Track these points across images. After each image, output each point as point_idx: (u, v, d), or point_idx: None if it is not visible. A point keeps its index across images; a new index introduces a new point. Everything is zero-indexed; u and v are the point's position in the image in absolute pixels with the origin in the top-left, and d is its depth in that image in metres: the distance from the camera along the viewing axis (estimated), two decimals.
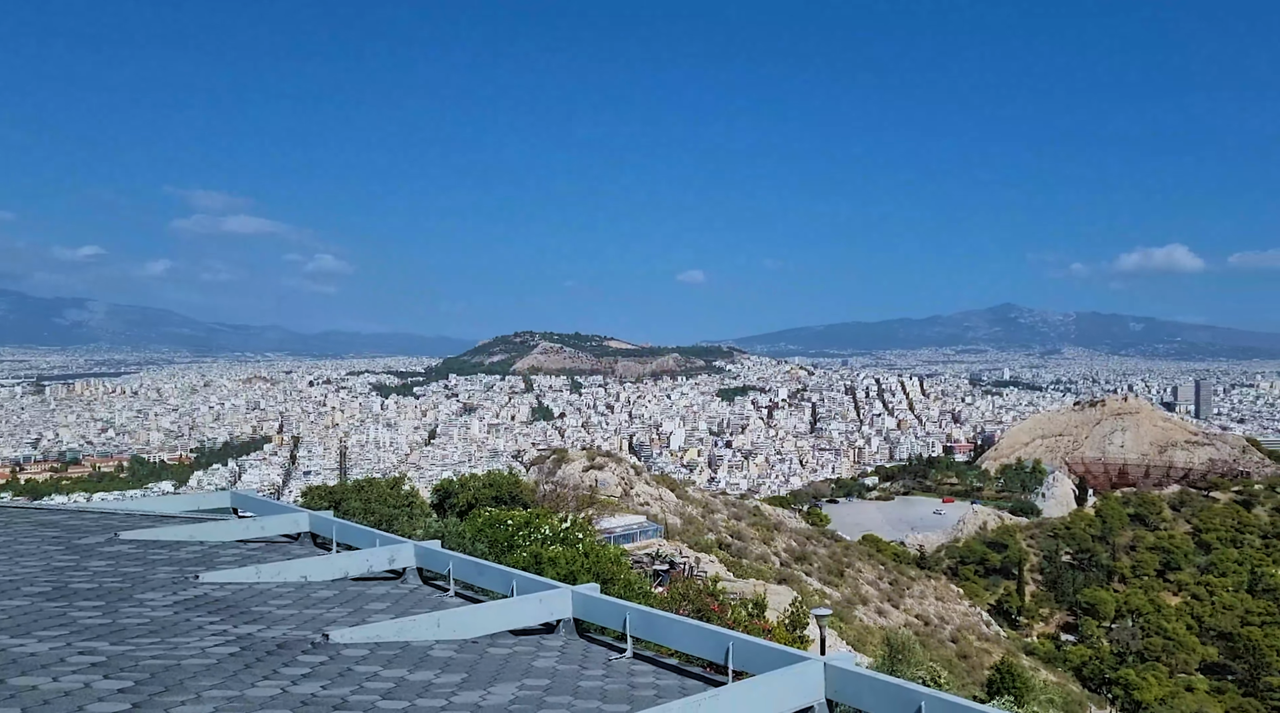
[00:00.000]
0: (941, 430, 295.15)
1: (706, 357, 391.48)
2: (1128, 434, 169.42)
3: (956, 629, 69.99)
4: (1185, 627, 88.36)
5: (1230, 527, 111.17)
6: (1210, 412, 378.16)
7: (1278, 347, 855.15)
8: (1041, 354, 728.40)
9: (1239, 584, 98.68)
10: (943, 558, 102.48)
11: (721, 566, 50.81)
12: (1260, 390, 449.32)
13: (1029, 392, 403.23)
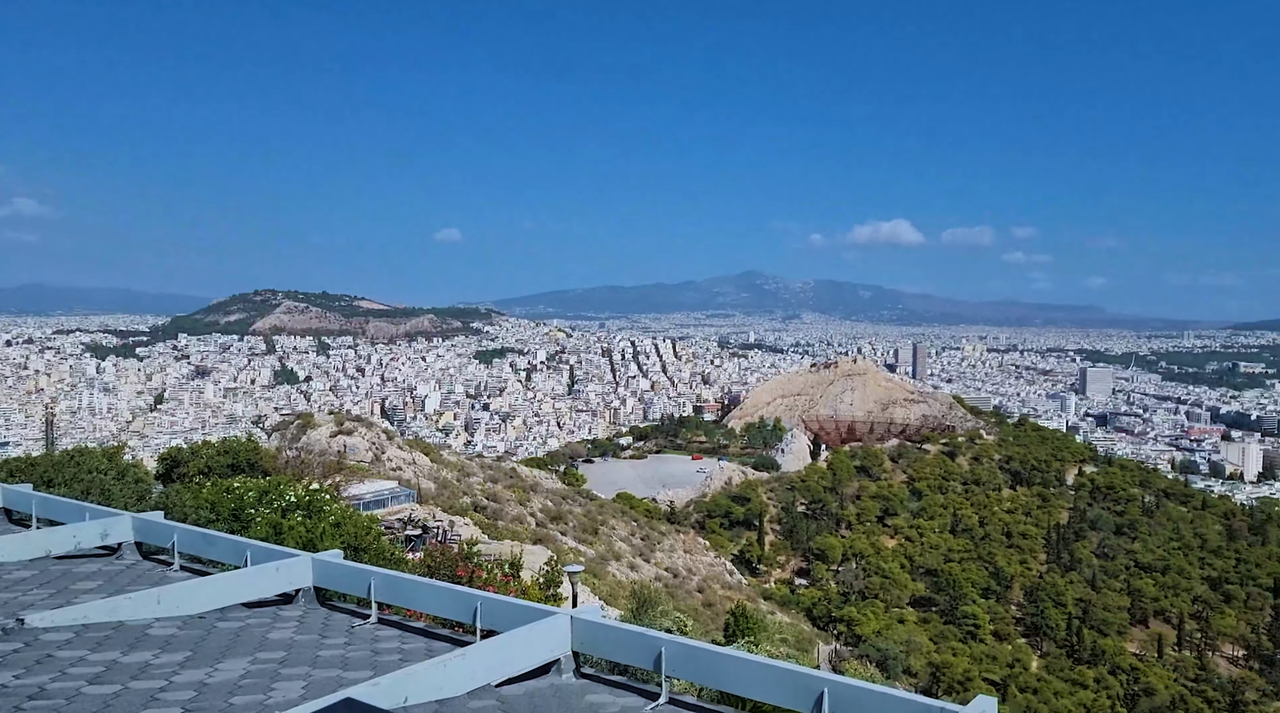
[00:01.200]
0: (692, 391, 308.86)
1: (464, 318, 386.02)
2: (856, 393, 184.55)
3: (703, 580, 74.01)
4: (899, 566, 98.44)
5: (938, 475, 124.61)
6: (925, 372, 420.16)
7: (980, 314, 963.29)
8: (783, 319, 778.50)
9: (943, 526, 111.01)
10: (691, 513, 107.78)
11: (477, 528, 50.66)
12: (965, 353, 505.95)
13: (772, 354, 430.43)
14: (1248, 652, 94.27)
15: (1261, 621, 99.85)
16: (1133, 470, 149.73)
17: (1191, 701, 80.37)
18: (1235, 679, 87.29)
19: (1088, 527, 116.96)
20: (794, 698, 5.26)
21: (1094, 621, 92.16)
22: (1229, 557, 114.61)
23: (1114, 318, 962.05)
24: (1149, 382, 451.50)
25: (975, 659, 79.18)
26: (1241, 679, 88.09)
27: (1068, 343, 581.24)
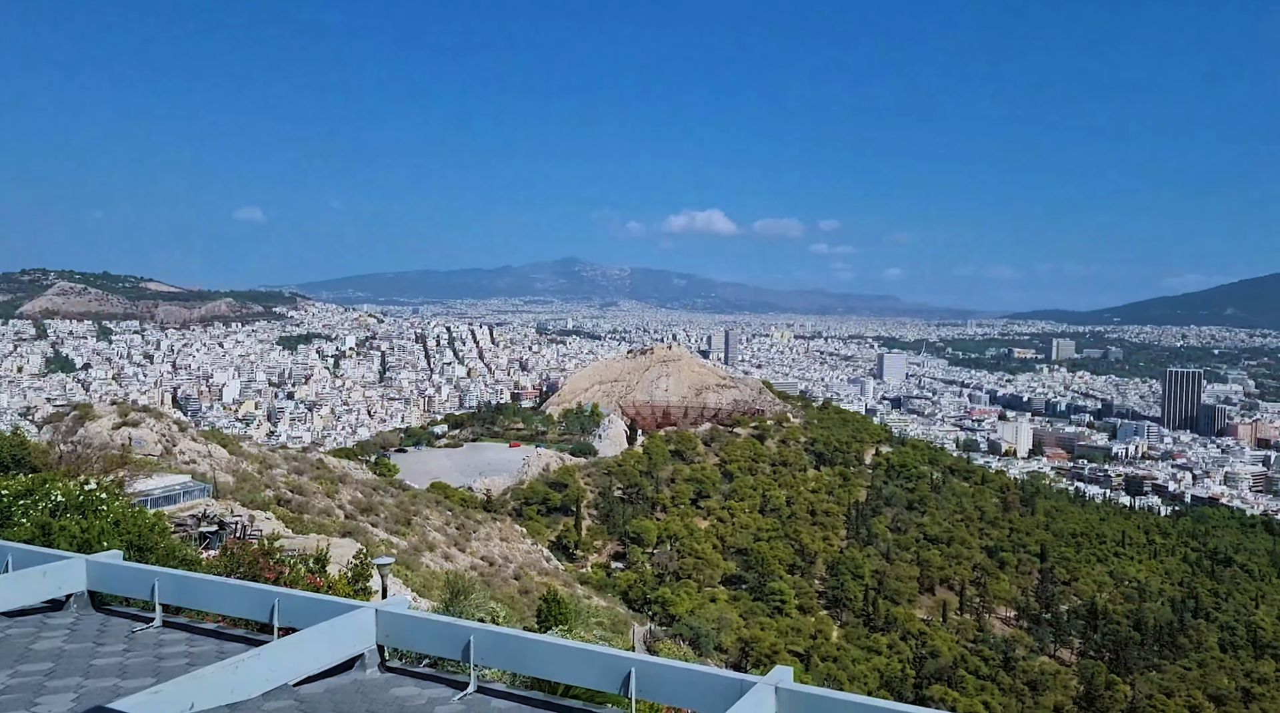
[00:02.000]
0: (510, 378, 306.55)
1: (266, 302, 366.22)
2: (671, 379, 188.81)
3: (519, 567, 73.70)
4: (712, 547, 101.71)
5: (748, 457, 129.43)
6: (736, 358, 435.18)
7: (789, 302, 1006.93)
8: (601, 306, 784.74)
9: (753, 506, 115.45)
10: (509, 500, 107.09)
11: (280, 523, 48.21)
12: (774, 340, 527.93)
13: (590, 341, 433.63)
14: (1018, 613, 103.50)
15: (1030, 584, 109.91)
16: (923, 450, 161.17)
17: (970, 659, 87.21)
18: (1008, 638, 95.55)
19: (883, 503, 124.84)
20: (603, 679, 5.41)
21: (888, 591, 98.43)
22: (1004, 527, 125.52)
23: (908, 307, 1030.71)
24: (938, 367, 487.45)
25: (782, 633, 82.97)
26: (1013, 638, 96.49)
27: (867, 331, 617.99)
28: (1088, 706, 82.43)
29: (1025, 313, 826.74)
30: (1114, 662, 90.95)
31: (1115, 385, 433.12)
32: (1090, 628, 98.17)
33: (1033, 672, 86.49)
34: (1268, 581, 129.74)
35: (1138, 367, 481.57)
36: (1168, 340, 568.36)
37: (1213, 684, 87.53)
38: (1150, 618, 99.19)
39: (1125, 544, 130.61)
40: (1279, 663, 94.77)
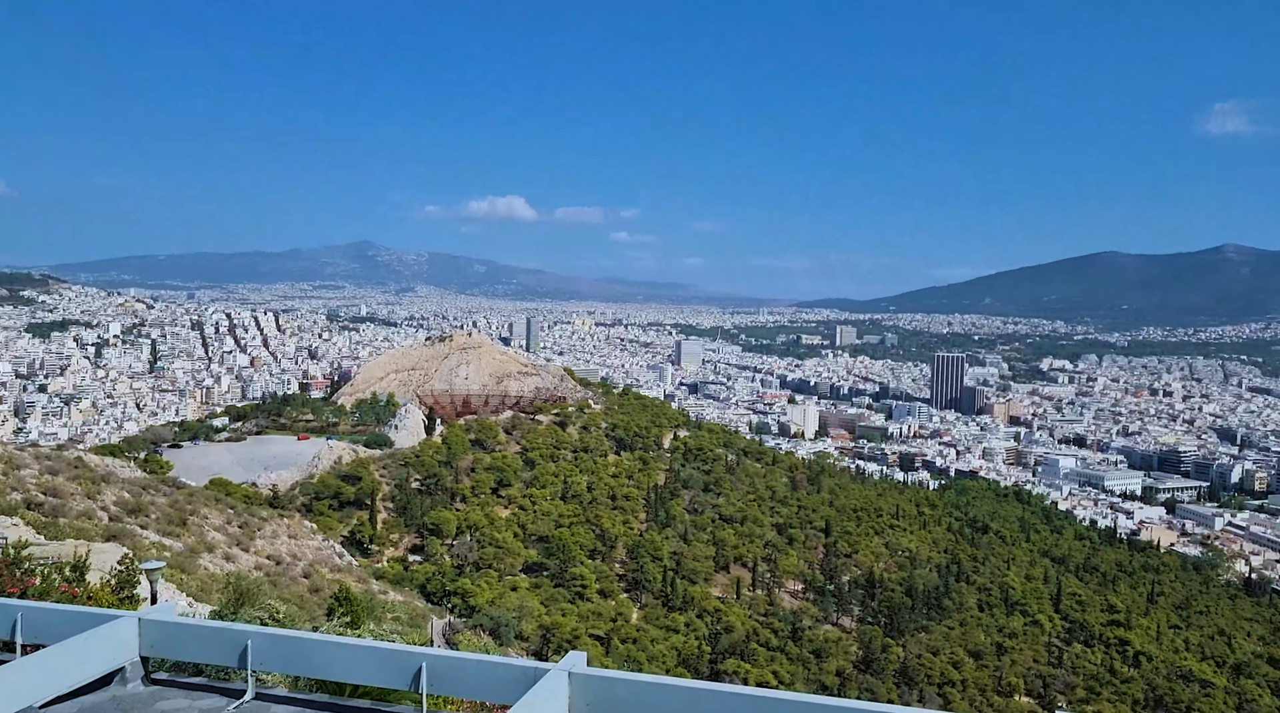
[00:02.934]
0: (298, 367, 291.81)
1: (12, 285, 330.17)
2: (472, 367, 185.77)
3: (309, 565, 70.16)
4: (513, 535, 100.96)
5: (550, 445, 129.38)
6: (538, 346, 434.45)
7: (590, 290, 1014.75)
8: (397, 291, 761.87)
9: (555, 493, 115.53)
10: (297, 496, 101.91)
11: (30, 529, 43.52)
12: (575, 327, 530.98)
13: (385, 328, 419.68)
14: (805, 585, 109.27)
15: (816, 558, 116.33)
16: (718, 433, 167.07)
17: (762, 633, 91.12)
18: (796, 610, 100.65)
19: (681, 486, 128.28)
20: (392, 677, 5.33)
21: (685, 571, 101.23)
22: (792, 505, 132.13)
23: (705, 295, 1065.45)
24: (732, 353, 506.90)
25: (583, 618, 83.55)
26: (800, 609, 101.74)
27: (666, 318, 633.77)
28: (865, 668, 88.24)
29: (813, 302, 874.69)
30: (889, 626, 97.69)
31: (891, 369, 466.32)
32: (869, 596, 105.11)
33: (818, 640, 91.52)
34: (1017, 545, 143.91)
35: (910, 352, 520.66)
36: (936, 327, 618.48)
37: (972, 641, 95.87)
38: (920, 584, 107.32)
39: (899, 517, 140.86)
40: (1026, 618, 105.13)
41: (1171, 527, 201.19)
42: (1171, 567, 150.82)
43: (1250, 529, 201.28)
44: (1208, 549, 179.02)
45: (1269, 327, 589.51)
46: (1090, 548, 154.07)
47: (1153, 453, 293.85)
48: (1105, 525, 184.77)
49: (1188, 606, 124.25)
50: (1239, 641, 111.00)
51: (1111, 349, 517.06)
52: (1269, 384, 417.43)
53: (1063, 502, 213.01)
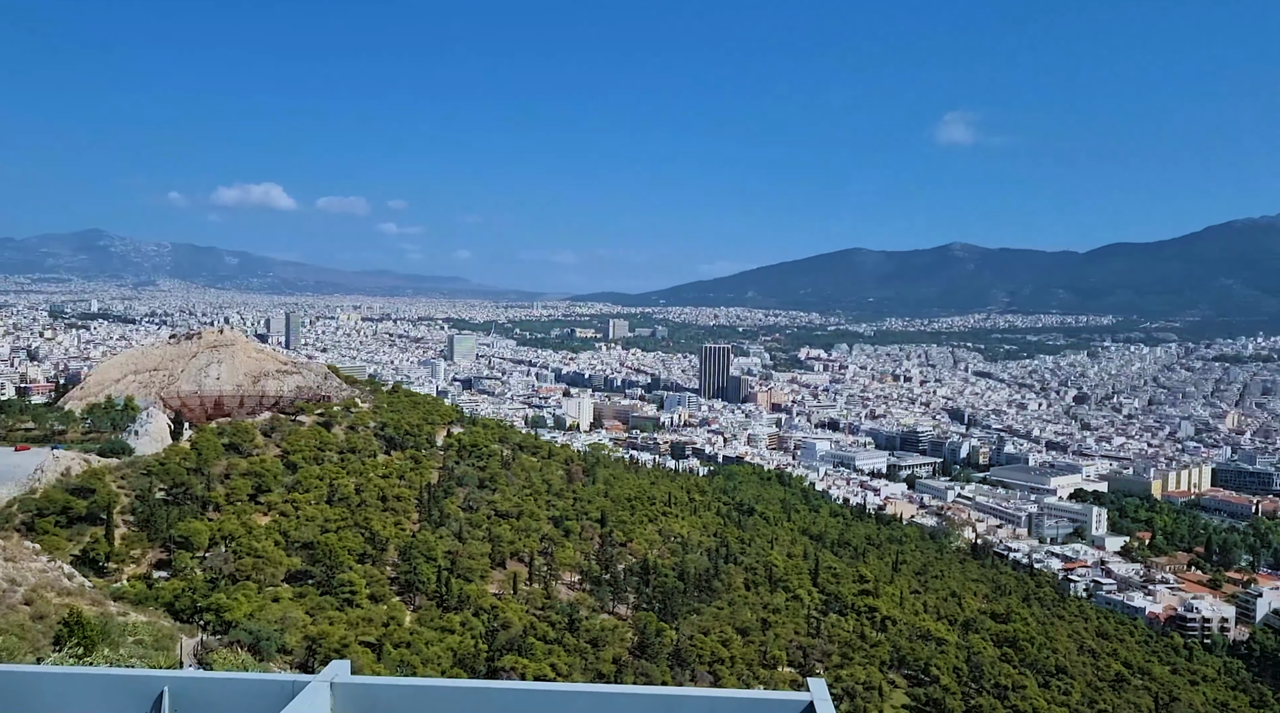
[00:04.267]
0: (15, 370, 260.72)
1: None
2: (224, 366, 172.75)
3: (32, 589, 62.51)
4: (274, 543, 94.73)
5: (314, 447, 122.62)
6: (299, 342, 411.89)
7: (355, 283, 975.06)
8: (135, 286, 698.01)
9: (320, 497, 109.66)
10: (15, 514, 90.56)
11: None
12: (340, 322, 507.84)
13: (121, 325, 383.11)
14: (582, 576, 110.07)
15: (592, 549, 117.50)
16: (493, 428, 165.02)
17: (539, 626, 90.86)
18: (573, 601, 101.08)
19: (455, 484, 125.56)
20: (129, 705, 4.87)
21: (461, 570, 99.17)
22: (568, 497, 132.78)
23: (478, 288, 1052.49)
24: (507, 347, 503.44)
25: (352, 625, 79.77)
26: (577, 600, 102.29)
27: (437, 312, 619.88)
28: (641, 653, 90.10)
29: (586, 295, 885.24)
30: (662, 611, 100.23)
31: (662, 361, 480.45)
32: (643, 583, 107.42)
33: (595, 630, 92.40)
34: (780, 525, 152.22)
35: (680, 344, 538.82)
36: (703, 320, 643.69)
37: (739, 619, 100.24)
38: (691, 568, 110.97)
39: (671, 504, 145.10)
40: (788, 594, 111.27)
41: (912, 501, 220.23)
42: (912, 537, 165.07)
43: (976, 499, 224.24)
44: (941, 519, 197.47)
45: (989, 317, 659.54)
46: (844, 524, 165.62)
47: (896, 434, 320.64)
48: (856, 503, 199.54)
49: (925, 571, 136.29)
50: (967, 600, 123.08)
51: (860, 339, 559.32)
52: (990, 368, 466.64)
53: (820, 482, 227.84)
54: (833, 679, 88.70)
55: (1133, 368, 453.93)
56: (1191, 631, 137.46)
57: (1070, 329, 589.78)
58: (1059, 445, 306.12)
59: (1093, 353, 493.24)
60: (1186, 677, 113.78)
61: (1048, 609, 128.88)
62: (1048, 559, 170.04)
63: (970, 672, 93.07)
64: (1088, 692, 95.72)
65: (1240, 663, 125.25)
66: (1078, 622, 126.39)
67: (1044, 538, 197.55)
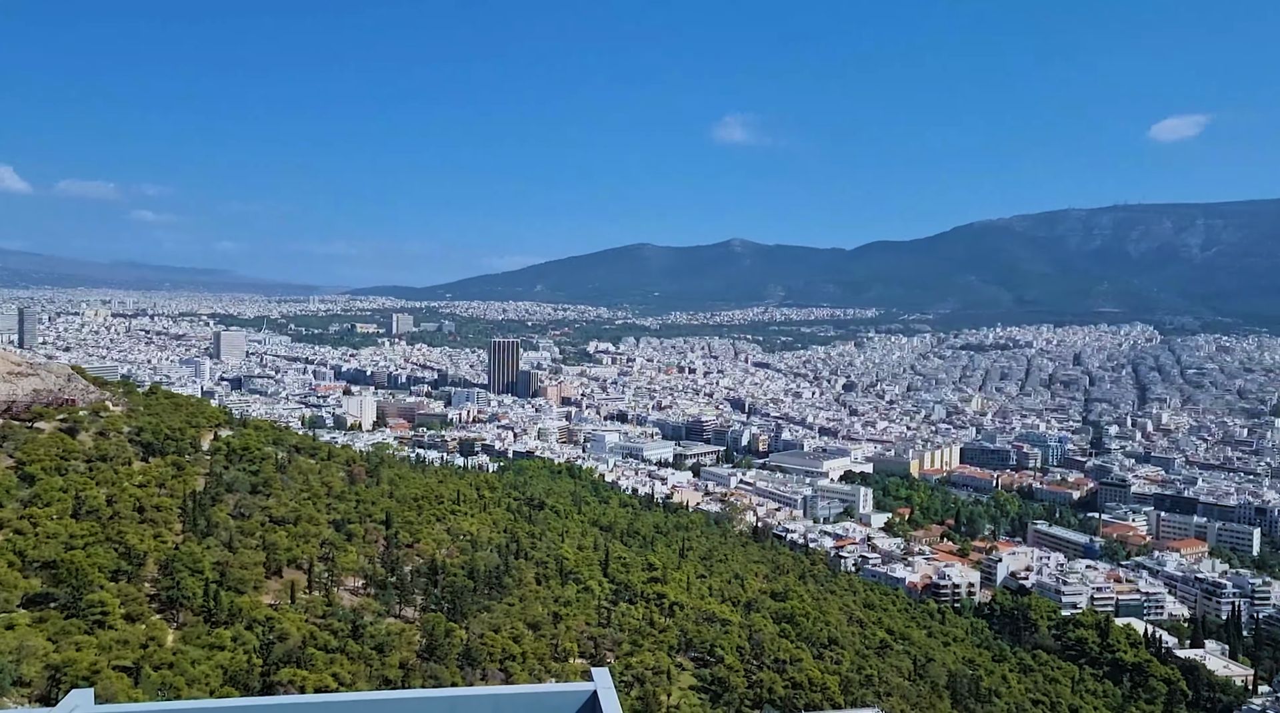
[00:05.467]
0: None
1: None
2: None
3: None
4: (8, 564, 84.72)
5: (55, 456, 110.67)
6: (36, 340, 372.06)
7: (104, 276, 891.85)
8: None
9: (64, 511, 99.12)
10: None
11: None
12: (86, 318, 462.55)
13: None
14: (366, 581, 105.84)
15: (376, 552, 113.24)
16: (267, 430, 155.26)
17: (320, 635, 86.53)
18: (356, 608, 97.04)
19: (224, 490, 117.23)
20: None
21: (232, 581, 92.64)
22: (351, 499, 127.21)
23: (247, 282, 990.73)
24: (280, 344, 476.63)
25: (104, 649, 72.58)
26: (361, 606, 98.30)
27: (200, 307, 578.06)
28: (429, 656, 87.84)
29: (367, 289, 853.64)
30: (452, 611, 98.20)
31: (449, 356, 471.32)
32: (431, 584, 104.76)
33: (380, 635, 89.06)
34: (570, 517, 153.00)
35: (468, 338, 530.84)
36: (492, 314, 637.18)
37: (531, 614, 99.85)
38: (481, 565, 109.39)
39: (460, 502, 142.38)
40: (579, 586, 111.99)
41: (697, 488, 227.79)
42: (698, 524, 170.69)
43: (756, 485, 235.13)
44: (725, 505, 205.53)
45: (767, 310, 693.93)
46: (633, 514, 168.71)
47: (682, 424, 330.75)
48: (645, 493, 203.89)
49: (711, 556, 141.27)
50: (749, 581, 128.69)
51: (646, 332, 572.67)
52: (768, 359, 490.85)
53: (609, 474, 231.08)
54: (623, 667, 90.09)
55: (893, 357, 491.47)
56: (944, 596, 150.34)
57: (839, 321, 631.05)
58: (830, 431, 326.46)
59: (859, 343, 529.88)
60: (940, 639, 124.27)
61: (821, 585, 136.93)
62: (821, 538, 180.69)
63: (752, 649, 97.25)
64: (856, 659, 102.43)
65: (984, 623, 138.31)
66: (847, 595, 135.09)
67: (818, 518, 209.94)
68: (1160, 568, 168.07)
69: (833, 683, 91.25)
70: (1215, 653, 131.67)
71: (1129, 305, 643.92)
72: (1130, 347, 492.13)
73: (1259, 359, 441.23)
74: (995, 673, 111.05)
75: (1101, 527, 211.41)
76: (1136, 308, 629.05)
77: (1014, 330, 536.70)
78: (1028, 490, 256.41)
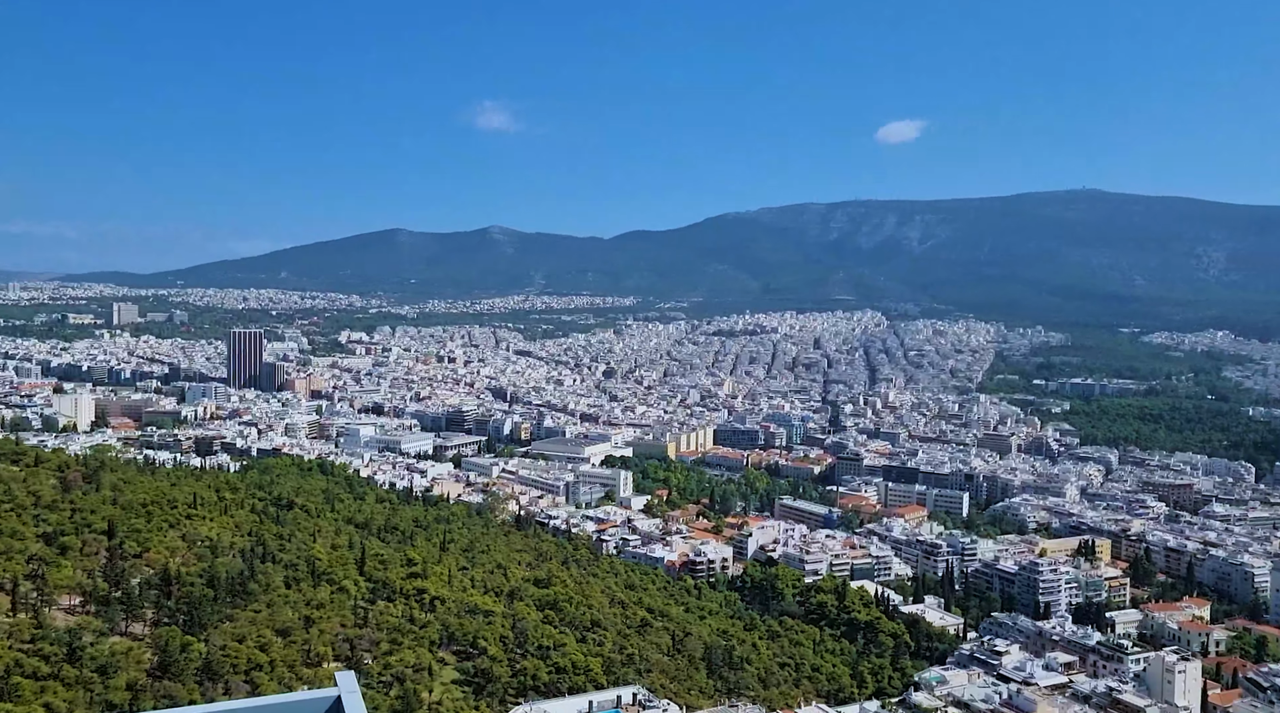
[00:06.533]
0: None
1: None
2: None
3: None
4: None
5: None
6: None
7: None
8: None
9: None
10: None
11: None
12: None
13: None
14: (86, 597, 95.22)
15: (97, 564, 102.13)
16: None
17: (28, 662, 76.94)
18: (73, 628, 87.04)
19: None
20: None
21: None
22: (65, 509, 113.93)
23: None
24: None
25: None
26: (80, 625, 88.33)
27: None
28: (163, 673, 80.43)
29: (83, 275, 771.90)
30: (189, 623, 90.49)
31: (182, 349, 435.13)
32: (164, 595, 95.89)
33: (103, 656, 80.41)
34: (322, 516, 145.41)
35: (203, 329, 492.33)
36: (230, 303, 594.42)
37: (279, 620, 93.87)
38: (223, 572, 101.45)
39: (197, 505, 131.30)
40: (333, 586, 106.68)
41: (459, 480, 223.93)
42: (459, 515, 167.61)
43: (519, 473, 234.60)
44: (487, 495, 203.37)
45: (528, 298, 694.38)
46: (391, 509, 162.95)
47: (442, 414, 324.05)
48: (404, 486, 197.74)
49: (473, 548, 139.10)
50: (512, 570, 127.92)
51: (403, 321, 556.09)
52: (530, 347, 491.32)
53: (365, 469, 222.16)
54: (381, 667, 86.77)
55: (651, 343, 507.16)
56: (700, 572, 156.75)
57: (599, 309, 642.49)
58: (592, 417, 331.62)
59: (618, 330, 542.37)
60: (697, 613, 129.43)
61: (584, 569, 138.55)
62: (583, 523, 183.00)
63: (516, 638, 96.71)
64: (618, 639, 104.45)
65: (736, 595, 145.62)
66: (609, 577, 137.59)
67: (580, 504, 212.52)
68: (888, 533, 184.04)
69: (595, 665, 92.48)
70: (933, 607, 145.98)
71: (860, 293, 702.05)
72: (862, 331, 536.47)
73: (967, 341, 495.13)
74: (746, 641, 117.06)
75: (839, 498, 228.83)
76: (867, 296, 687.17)
77: (761, 317, 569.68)
78: (775, 468, 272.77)
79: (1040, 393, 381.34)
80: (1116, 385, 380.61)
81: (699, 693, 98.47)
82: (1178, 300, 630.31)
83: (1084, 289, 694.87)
